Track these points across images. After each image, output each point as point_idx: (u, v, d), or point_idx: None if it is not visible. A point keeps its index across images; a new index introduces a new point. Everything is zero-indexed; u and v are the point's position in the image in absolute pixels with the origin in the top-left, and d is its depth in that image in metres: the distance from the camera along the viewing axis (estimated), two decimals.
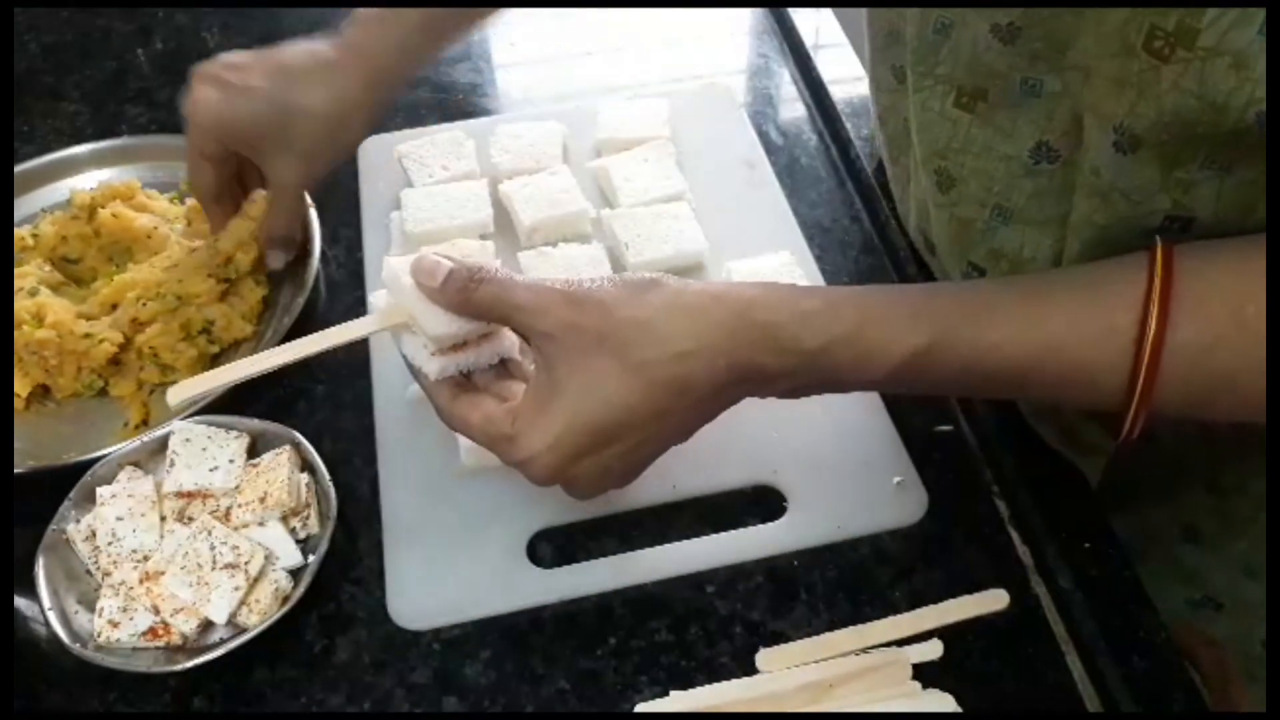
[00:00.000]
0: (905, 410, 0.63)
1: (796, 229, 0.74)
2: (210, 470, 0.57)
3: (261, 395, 0.65)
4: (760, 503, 0.60)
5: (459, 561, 0.57)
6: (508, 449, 0.50)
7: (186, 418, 0.60)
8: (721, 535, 0.58)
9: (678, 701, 0.52)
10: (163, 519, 0.57)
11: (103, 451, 0.59)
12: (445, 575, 0.57)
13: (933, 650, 0.53)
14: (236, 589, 0.53)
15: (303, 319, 0.68)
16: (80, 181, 0.80)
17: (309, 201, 0.74)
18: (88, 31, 0.96)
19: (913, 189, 0.63)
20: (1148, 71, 0.41)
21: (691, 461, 0.59)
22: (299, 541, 0.56)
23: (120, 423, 0.66)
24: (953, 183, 0.55)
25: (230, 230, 0.69)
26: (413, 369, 0.54)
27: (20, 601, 0.57)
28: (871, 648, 0.53)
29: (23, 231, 0.73)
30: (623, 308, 0.48)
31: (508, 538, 0.58)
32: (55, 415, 0.67)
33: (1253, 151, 0.42)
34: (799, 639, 0.54)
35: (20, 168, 0.80)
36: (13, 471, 0.60)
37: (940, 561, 0.57)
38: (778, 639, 0.54)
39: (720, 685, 0.52)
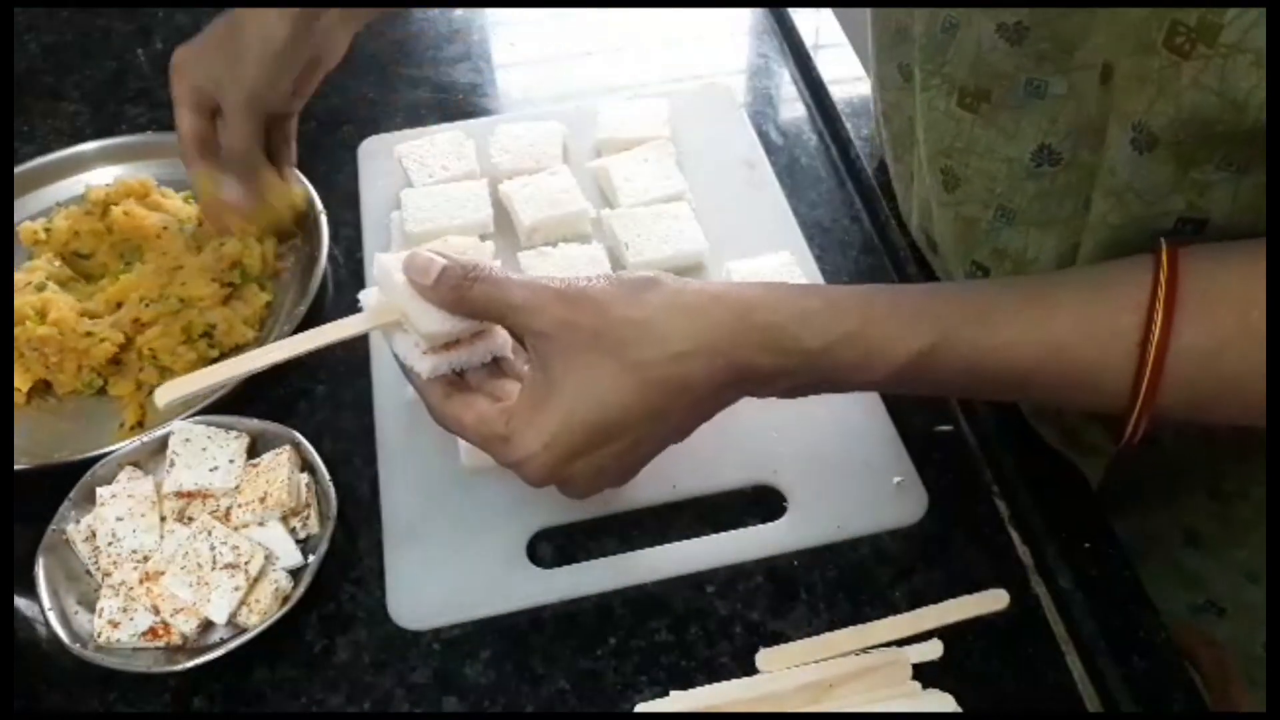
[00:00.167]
0: (905, 410, 0.63)
1: (796, 229, 0.74)
2: (210, 470, 0.57)
3: (261, 395, 0.65)
4: (760, 503, 0.60)
5: (459, 561, 0.57)
6: (502, 449, 0.49)
7: (187, 418, 0.60)
8: (721, 535, 0.58)
9: (678, 701, 0.52)
10: (163, 519, 0.57)
11: (102, 451, 0.59)
12: (445, 575, 0.57)
13: (933, 650, 0.53)
14: (236, 589, 0.53)
15: (305, 323, 0.68)
16: (96, 176, 0.80)
17: (320, 207, 0.73)
18: (88, 31, 0.96)
19: (916, 188, 0.63)
20: (1168, 68, 0.41)
21: (691, 461, 0.59)
22: (299, 541, 0.56)
23: (119, 422, 0.66)
24: (958, 182, 0.55)
25: (237, 235, 0.70)
26: (404, 368, 0.53)
27: (20, 602, 0.57)
28: (871, 648, 0.53)
29: (35, 225, 0.73)
30: (619, 306, 0.48)
31: (508, 538, 0.58)
32: (55, 412, 0.67)
33: None
34: (799, 639, 0.54)
35: (37, 161, 0.80)
36: (13, 470, 0.60)
37: (940, 561, 0.57)
38: (778, 639, 0.54)
39: (720, 685, 0.52)
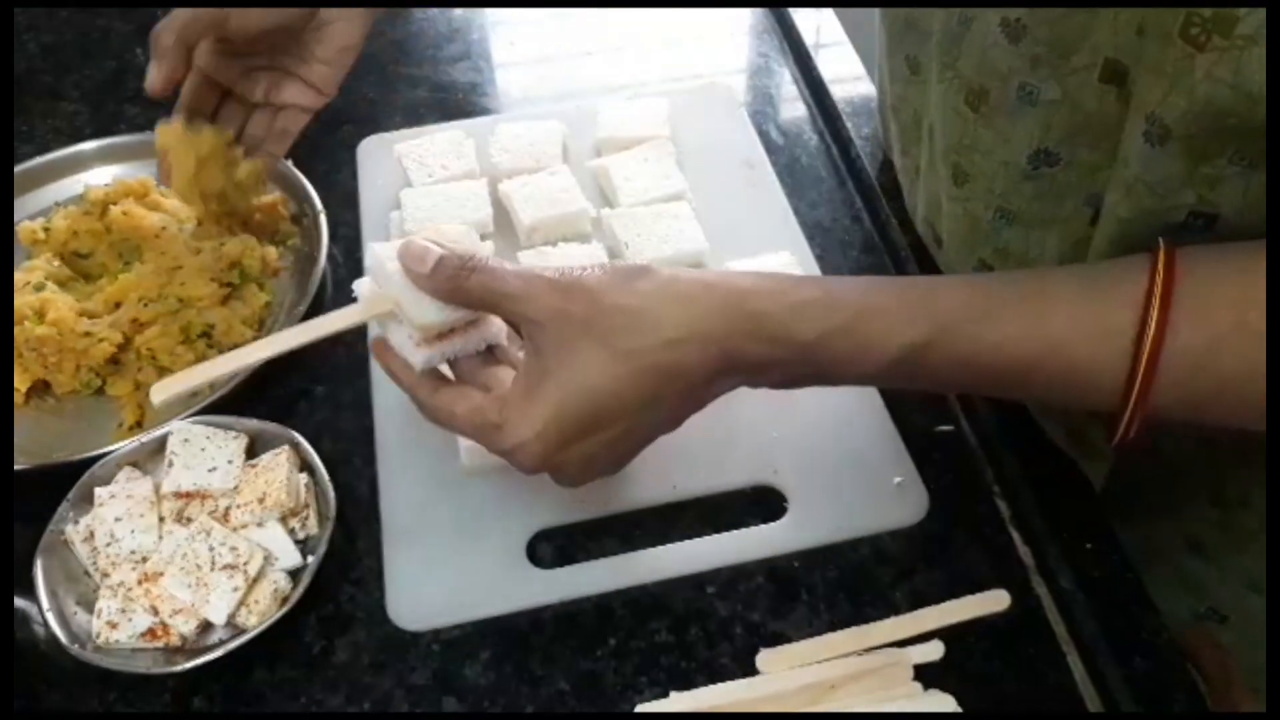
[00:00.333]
0: (906, 410, 0.63)
1: (797, 229, 0.74)
2: (209, 471, 0.57)
3: (261, 396, 0.65)
4: (760, 503, 0.60)
5: (459, 562, 0.57)
6: (495, 437, 0.49)
7: (186, 418, 0.60)
8: (722, 535, 0.58)
9: (678, 702, 0.52)
10: (161, 520, 0.57)
11: (101, 451, 0.59)
12: (445, 576, 0.57)
13: (934, 651, 0.53)
14: (235, 590, 0.53)
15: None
16: (95, 176, 0.79)
17: (319, 207, 0.73)
18: (87, 31, 0.96)
19: (924, 181, 0.63)
20: (1183, 60, 0.40)
21: (692, 461, 0.59)
22: (298, 542, 0.56)
23: (118, 422, 0.66)
24: (966, 178, 0.55)
25: (238, 236, 0.70)
26: (389, 371, 0.53)
27: (19, 602, 0.57)
28: (872, 648, 0.53)
29: (34, 225, 0.73)
30: (611, 294, 0.48)
31: (507, 538, 0.58)
32: (54, 411, 0.67)
33: None
34: (800, 640, 0.54)
35: (36, 161, 0.79)
36: (13, 469, 0.60)
37: (941, 562, 0.57)
38: (778, 640, 0.54)
39: (721, 686, 0.52)
